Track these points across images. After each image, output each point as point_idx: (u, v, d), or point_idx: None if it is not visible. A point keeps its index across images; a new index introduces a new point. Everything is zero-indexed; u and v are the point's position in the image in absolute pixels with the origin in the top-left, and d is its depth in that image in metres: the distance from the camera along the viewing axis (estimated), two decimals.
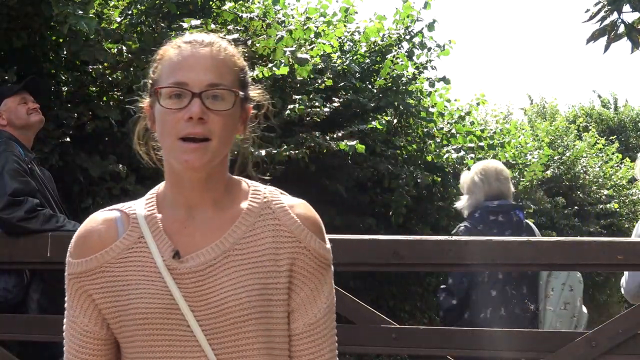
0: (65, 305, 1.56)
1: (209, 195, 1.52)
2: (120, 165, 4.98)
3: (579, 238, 4.39)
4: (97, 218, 1.55)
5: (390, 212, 7.28)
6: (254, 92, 1.59)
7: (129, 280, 1.49)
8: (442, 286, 3.97)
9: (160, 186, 1.57)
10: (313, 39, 6.81)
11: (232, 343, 1.46)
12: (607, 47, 4.15)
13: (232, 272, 1.48)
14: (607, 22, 4.10)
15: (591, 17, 4.13)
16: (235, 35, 5.73)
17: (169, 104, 1.46)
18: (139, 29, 5.62)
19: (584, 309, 3.92)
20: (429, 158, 7.84)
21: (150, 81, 1.53)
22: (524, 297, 3.82)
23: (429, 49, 7.72)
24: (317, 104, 6.34)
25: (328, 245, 1.56)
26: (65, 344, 1.56)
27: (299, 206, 1.55)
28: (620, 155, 16.68)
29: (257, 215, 1.52)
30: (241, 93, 1.51)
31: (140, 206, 1.54)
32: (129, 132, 1.65)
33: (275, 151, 5.77)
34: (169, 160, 1.51)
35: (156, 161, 1.59)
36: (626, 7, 4.09)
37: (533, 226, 4.02)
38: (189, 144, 1.44)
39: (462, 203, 4.01)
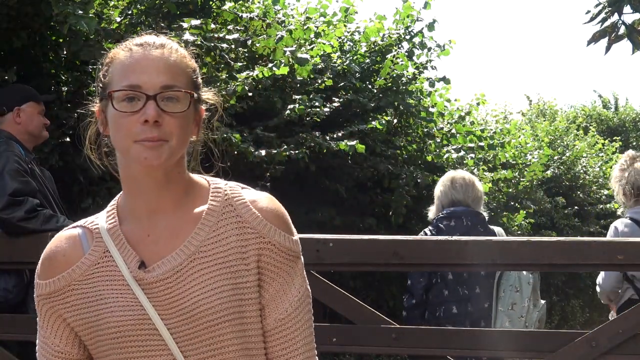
0: (37, 327, 1.55)
1: (168, 198, 1.49)
2: None
3: (579, 238, 4.40)
4: (61, 237, 1.54)
5: (390, 212, 7.28)
6: (207, 94, 1.57)
7: (98, 295, 1.47)
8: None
9: (119, 197, 1.55)
10: (313, 39, 6.81)
11: (207, 347, 1.44)
12: (608, 49, 4.15)
13: (200, 276, 1.45)
14: (607, 23, 4.11)
15: (592, 19, 4.14)
16: (236, 35, 5.74)
17: (123, 107, 1.44)
18: (139, 29, 5.62)
19: (538, 310, 4.12)
20: (429, 158, 7.84)
21: (100, 85, 1.50)
22: (476, 296, 4.04)
23: (429, 49, 7.72)
24: (317, 103, 6.34)
25: (295, 237, 1.52)
26: None
27: (261, 200, 1.51)
28: (620, 156, 16.66)
29: (220, 214, 1.49)
30: (195, 95, 1.50)
31: (102, 219, 1.52)
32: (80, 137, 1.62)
33: (275, 151, 5.77)
34: (125, 164, 1.49)
35: (108, 166, 1.57)
36: (627, 9, 4.09)
37: (497, 230, 4.28)
38: (146, 143, 1.42)
39: (430, 212, 4.36)
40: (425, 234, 4.14)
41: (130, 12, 5.77)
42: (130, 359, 1.45)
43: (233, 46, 5.83)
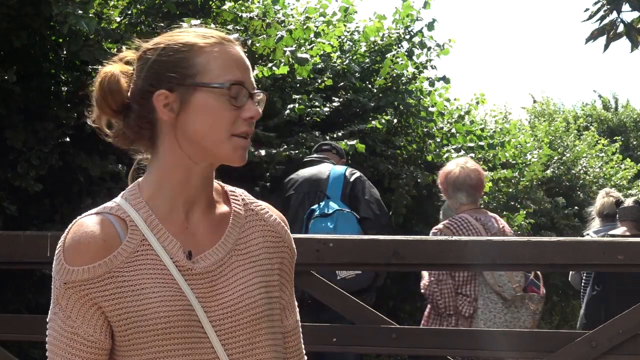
0: (55, 316, 1.45)
1: (205, 195, 1.52)
2: (120, 165, 4.97)
3: (579, 238, 4.40)
4: (93, 222, 1.46)
5: (391, 212, 7.28)
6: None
7: (142, 284, 1.43)
8: None
9: (140, 187, 1.51)
10: (313, 39, 6.81)
11: (245, 342, 1.47)
12: (606, 47, 4.16)
13: (239, 272, 1.49)
14: (606, 21, 4.11)
15: (590, 17, 4.14)
16: (235, 35, 5.74)
17: (226, 100, 1.45)
18: (138, 28, 5.62)
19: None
20: (429, 158, 7.83)
21: (179, 70, 1.46)
22: None
23: (429, 49, 7.72)
24: (317, 103, 6.34)
25: None
26: (57, 359, 1.44)
27: (271, 207, 1.61)
28: (620, 156, 16.67)
29: (244, 217, 1.55)
30: None
31: (127, 209, 1.48)
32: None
33: (275, 151, 5.77)
34: (183, 155, 1.47)
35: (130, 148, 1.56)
36: (625, 7, 4.09)
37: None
38: (243, 140, 1.47)
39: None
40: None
41: (130, 12, 5.76)
42: (171, 350, 1.43)
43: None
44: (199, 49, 1.47)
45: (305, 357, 1.64)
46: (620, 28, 4.11)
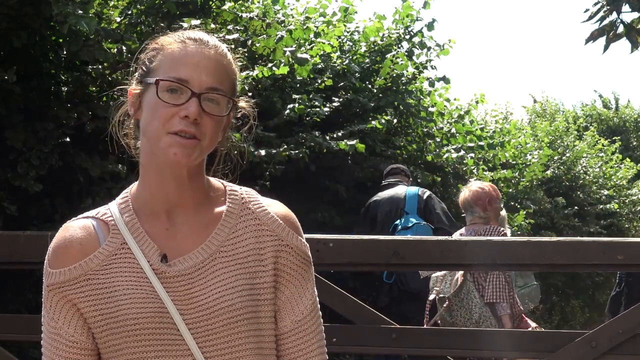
0: (43, 318, 1.50)
1: (189, 195, 1.51)
2: (120, 165, 4.98)
3: (579, 238, 4.41)
4: (74, 226, 1.51)
5: None
6: (242, 102, 1.60)
7: (115, 286, 1.45)
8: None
9: (132, 190, 1.54)
10: (313, 39, 6.81)
11: (224, 345, 1.45)
12: (606, 47, 4.16)
13: (220, 274, 1.47)
14: (606, 22, 4.11)
15: (590, 17, 4.14)
16: (235, 35, 5.74)
17: (166, 97, 1.45)
18: (138, 28, 5.62)
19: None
20: (429, 158, 7.83)
21: (144, 68, 1.50)
22: None
23: (429, 49, 7.72)
24: (317, 103, 6.34)
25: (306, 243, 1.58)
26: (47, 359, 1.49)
27: (276, 205, 1.56)
28: (620, 156, 16.67)
29: (238, 216, 1.52)
30: (234, 101, 1.53)
31: (115, 211, 1.51)
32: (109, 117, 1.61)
33: (275, 151, 5.77)
34: (150, 153, 1.48)
35: (129, 150, 1.57)
36: (625, 7, 4.09)
37: None
38: (180, 138, 1.44)
39: None
40: None
41: (130, 12, 5.76)
42: (145, 352, 1.44)
43: (233, 46, 5.82)
44: (161, 48, 1.50)
45: (317, 353, 1.55)
46: (620, 29, 4.11)
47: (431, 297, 4.88)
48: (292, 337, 1.53)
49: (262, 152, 5.67)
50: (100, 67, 5.20)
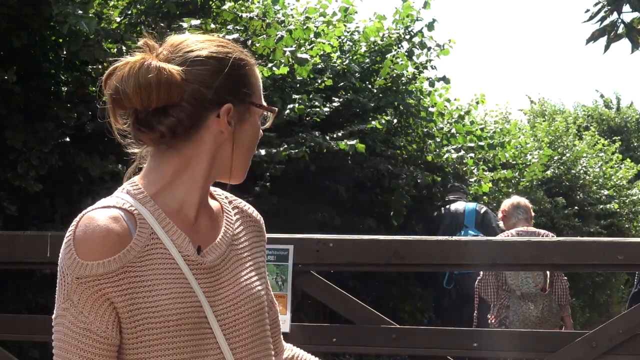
0: (66, 312, 1.41)
1: (206, 194, 1.56)
2: (120, 165, 4.97)
3: (579, 238, 4.41)
4: (105, 216, 1.43)
5: (391, 213, 7.28)
6: None
7: (152, 280, 1.41)
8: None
9: (137, 182, 1.51)
10: (313, 39, 6.81)
11: (246, 334, 1.48)
12: (607, 47, 4.15)
13: (238, 265, 1.52)
14: (607, 22, 4.11)
15: (591, 17, 4.14)
16: (235, 35, 5.74)
17: (258, 121, 1.55)
18: (138, 28, 5.62)
19: None
20: (429, 158, 7.84)
21: (245, 88, 1.52)
22: None
23: (429, 49, 7.72)
24: (317, 103, 6.34)
25: None
26: (67, 356, 1.40)
27: (249, 204, 1.67)
28: (620, 156, 16.67)
29: (232, 213, 1.59)
30: None
31: (135, 203, 1.46)
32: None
33: (275, 151, 5.78)
34: (215, 164, 1.50)
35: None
36: (626, 7, 4.09)
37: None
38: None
39: None
40: None
41: (130, 12, 5.76)
42: (180, 347, 1.41)
43: None
44: (251, 67, 1.55)
45: (288, 346, 1.72)
46: (621, 29, 4.11)
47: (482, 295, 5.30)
48: (277, 325, 1.67)
49: (262, 152, 5.67)
50: (100, 67, 5.20)
